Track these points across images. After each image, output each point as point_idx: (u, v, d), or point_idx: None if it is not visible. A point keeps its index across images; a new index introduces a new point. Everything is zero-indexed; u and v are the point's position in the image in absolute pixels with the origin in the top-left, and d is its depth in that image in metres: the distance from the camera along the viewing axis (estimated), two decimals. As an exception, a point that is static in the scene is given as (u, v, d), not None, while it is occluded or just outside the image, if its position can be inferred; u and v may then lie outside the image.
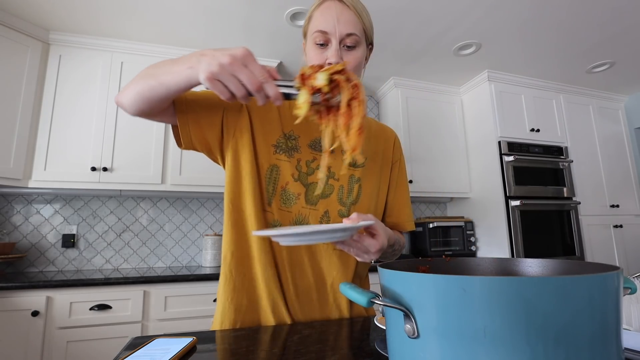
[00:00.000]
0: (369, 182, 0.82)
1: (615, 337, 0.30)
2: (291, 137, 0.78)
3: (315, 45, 0.73)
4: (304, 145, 0.79)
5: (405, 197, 0.89)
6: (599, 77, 2.83)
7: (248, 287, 0.74)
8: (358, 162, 0.82)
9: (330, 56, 0.71)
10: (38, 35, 2.03)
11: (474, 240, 2.72)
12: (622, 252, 2.80)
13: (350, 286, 0.40)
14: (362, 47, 0.75)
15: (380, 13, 1.99)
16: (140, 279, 1.75)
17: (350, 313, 0.78)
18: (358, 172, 0.81)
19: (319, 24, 0.72)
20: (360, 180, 0.80)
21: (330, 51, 0.71)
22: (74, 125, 2.04)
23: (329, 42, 0.72)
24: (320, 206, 0.77)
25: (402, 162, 0.91)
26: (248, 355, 0.53)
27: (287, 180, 0.75)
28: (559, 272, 0.44)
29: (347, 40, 0.72)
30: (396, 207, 0.87)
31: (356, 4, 0.73)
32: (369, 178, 0.82)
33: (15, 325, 1.57)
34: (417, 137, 2.73)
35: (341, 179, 0.79)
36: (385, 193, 0.87)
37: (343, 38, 0.71)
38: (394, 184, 0.88)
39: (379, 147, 0.87)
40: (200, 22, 2.05)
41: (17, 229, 2.14)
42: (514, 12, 2.01)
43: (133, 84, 0.64)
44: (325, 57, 0.72)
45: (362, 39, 0.74)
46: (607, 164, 2.96)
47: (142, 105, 0.64)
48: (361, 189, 0.80)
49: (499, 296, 0.28)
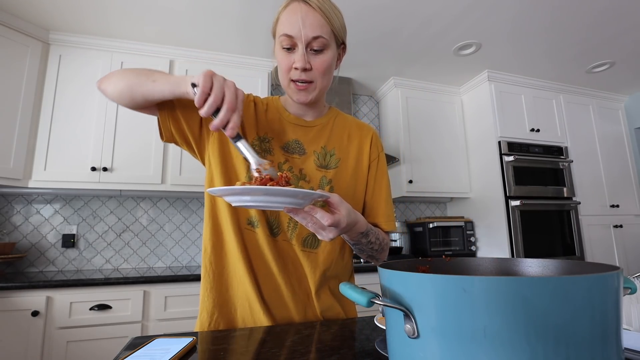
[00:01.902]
0: (342, 183, 0.80)
1: (615, 337, 0.30)
2: (265, 139, 0.79)
3: (283, 49, 0.72)
4: (277, 147, 0.79)
5: (383, 196, 0.85)
6: (599, 77, 2.83)
7: (225, 280, 0.76)
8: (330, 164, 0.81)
9: (296, 61, 0.70)
10: (38, 35, 2.03)
11: (474, 240, 2.72)
12: (622, 252, 2.80)
13: (350, 286, 0.40)
14: (331, 50, 0.73)
15: (380, 13, 1.99)
16: (140, 279, 1.75)
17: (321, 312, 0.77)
18: (330, 174, 0.80)
19: (284, 27, 0.71)
20: (332, 181, 0.79)
21: (297, 56, 0.71)
22: (74, 125, 2.04)
23: (295, 46, 0.71)
24: None
25: (381, 160, 0.88)
26: (248, 355, 0.53)
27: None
28: (559, 272, 0.44)
29: (313, 44, 0.70)
30: (374, 207, 0.85)
31: (323, 4, 0.71)
32: (342, 179, 0.81)
33: (15, 325, 1.57)
34: (417, 137, 2.73)
35: (312, 180, 0.78)
36: (363, 193, 0.84)
37: (309, 42, 0.70)
38: (372, 183, 0.85)
39: (353, 146, 0.85)
40: (200, 22, 2.05)
41: (17, 229, 2.14)
42: (513, 12, 2.01)
43: (123, 77, 0.69)
44: (292, 60, 0.71)
45: (331, 41, 0.73)
46: (607, 164, 2.96)
47: (128, 98, 0.68)
48: (333, 190, 0.79)
49: (499, 296, 0.28)
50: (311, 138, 0.81)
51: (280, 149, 0.79)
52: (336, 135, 0.84)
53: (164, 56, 2.26)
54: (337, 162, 0.81)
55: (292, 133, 0.81)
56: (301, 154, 0.80)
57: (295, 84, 0.73)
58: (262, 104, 0.83)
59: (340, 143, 0.83)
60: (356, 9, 1.96)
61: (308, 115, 0.83)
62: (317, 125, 0.83)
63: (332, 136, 0.83)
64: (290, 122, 0.81)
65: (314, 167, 0.79)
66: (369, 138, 0.87)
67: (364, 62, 2.54)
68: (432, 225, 2.64)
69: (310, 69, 0.72)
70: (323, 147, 0.82)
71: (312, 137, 0.82)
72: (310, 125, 0.82)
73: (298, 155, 0.79)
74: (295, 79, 0.72)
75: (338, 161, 0.81)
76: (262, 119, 0.80)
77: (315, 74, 0.73)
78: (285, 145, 0.79)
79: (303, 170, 0.79)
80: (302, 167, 0.79)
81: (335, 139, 0.84)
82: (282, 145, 0.79)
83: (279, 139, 0.80)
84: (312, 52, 0.71)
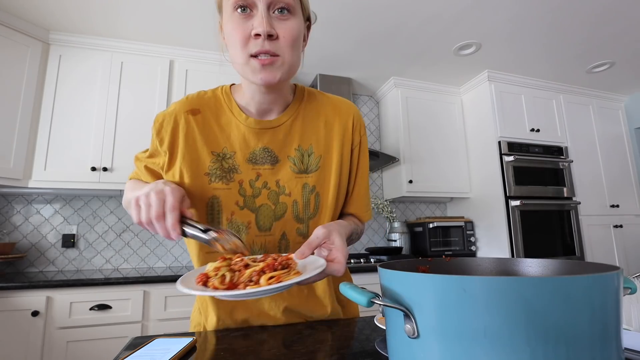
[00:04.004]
0: (326, 186, 0.70)
1: (615, 337, 0.30)
2: (225, 155, 0.66)
3: (235, 12, 0.57)
4: (242, 162, 0.66)
5: (364, 185, 0.77)
6: (599, 77, 2.83)
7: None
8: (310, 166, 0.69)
9: (256, 26, 0.56)
10: (38, 35, 2.03)
11: (474, 240, 2.72)
12: (622, 252, 2.80)
13: (350, 286, 0.40)
14: (298, 18, 0.60)
15: (380, 13, 1.99)
16: (140, 279, 1.75)
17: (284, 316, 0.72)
18: (312, 179, 0.69)
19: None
20: (316, 187, 0.69)
21: (257, 19, 0.56)
22: (74, 125, 2.04)
23: (252, 6, 0.57)
24: (276, 229, 0.68)
25: (363, 144, 0.75)
26: (248, 355, 0.53)
27: (232, 211, 0.66)
28: (559, 272, 0.44)
29: (278, 2, 0.57)
30: (355, 198, 0.76)
31: None
32: (325, 181, 0.70)
33: (15, 325, 1.57)
34: (417, 137, 2.73)
35: (293, 192, 0.68)
36: (346, 185, 0.74)
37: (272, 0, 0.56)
38: (354, 173, 0.75)
39: (333, 135, 0.71)
40: (200, 22, 2.05)
41: (17, 229, 2.14)
42: (514, 12, 2.01)
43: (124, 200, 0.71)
44: (249, 27, 0.57)
45: (297, 6, 0.60)
46: (607, 164, 2.96)
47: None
48: (319, 198, 0.70)
49: (499, 296, 0.28)
50: (281, 141, 0.68)
51: (247, 163, 0.67)
52: (310, 128, 0.70)
53: (164, 56, 2.26)
54: (318, 161, 0.70)
55: (257, 140, 0.67)
56: (274, 163, 0.68)
57: (257, 58, 0.57)
58: (209, 109, 0.68)
59: (317, 136, 0.70)
60: (356, 9, 1.95)
61: (273, 111, 0.68)
62: (286, 121, 0.69)
63: (306, 130, 0.70)
64: (252, 127, 0.67)
65: (291, 175, 0.68)
66: (350, 121, 0.73)
67: (364, 62, 2.54)
68: (432, 225, 2.64)
69: (275, 36, 0.57)
70: (297, 148, 0.69)
71: (283, 139, 0.68)
72: (277, 125, 0.68)
73: (270, 166, 0.68)
74: (257, 52, 0.57)
75: (319, 160, 0.70)
76: (213, 131, 0.66)
77: (282, 44, 0.58)
78: (251, 156, 0.67)
79: (280, 182, 0.68)
80: (278, 177, 0.68)
81: (310, 132, 0.70)
82: (248, 158, 0.67)
83: (243, 151, 0.67)
84: (275, 15, 0.58)
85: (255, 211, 0.67)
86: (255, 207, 0.67)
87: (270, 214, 0.68)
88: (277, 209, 0.68)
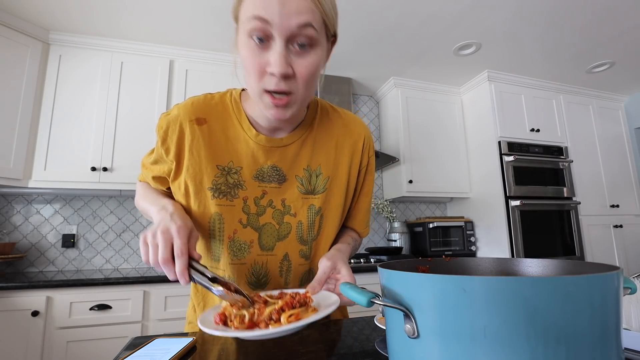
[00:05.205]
0: (332, 209, 0.70)
1: (615, 337, 0.30)
2: (231, 170, 0.64)
3: (250, 39, 0.51)
4: (248, 178, 0.64)
5: (367, 202, 0.77)
6: (599, 77, 2.83)
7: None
8: (317, 187, 0.68)
9: (273, 63, 0.50)
10: (38, 35, 2.03)
11: (473, 240, 2.72)
12: (622, 252, 2.80)
13: (350, 286, 0.40)
14: (321, 47, 0.54)
15: (380, 13, 1.99)
16: (140, 279, 1.75)
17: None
18: (318, 201, 0.68)
19: (255, 6, 0.49)
20: (322, 209, 0.68)
21: (273, 55, 0.50)
22: (74, 125, 2.04)
23: (270, 38, 0.50)
24: (278, 250, 0.67)
25: (371, 166, 0.75)
26: (248, 355, 0.53)
27: (235, 229, 0.65)
28: (559, 272, 0.44)
29: (298, 37, 0.50)
30: (355, 214, 0.77)
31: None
32: (331, 204, 0.69)
33: (15, 325, 1.57)
34: (417, 137, 2.73)
35: (298, 213, 0.67)
36: (349, 204, 0.74)
37: (293, 34, 0.50)
38: (358, 191, 0.75)
39: (343, 158, 0.70)
40: (200, 22, 2.05)
41: (17, 229, 2.14)
42: (513, 12, 2.01)
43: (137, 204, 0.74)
44: (265, 61, 0.51)
45: (321, 33, 0.53)
46: (607, 164, 2.96)
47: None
48: (323, 220, 0.69)
49: (499, 296, 0.28)
50: (291, 160, 0.66)
51: (253, 180, 0.64)
52: (321, 148, 0.69)
53: (164, 56, 2.26)
54: (325, 182, 0.68)
55: (266, 158, 0.65)
56: (281, 182, 0.66)
57: (271, 95, 0.53)
58: (215, 119, 0.64)
59: (326, 158, 0.69)
60: (356, 9, 1.95)
61: (285, 129, 0.66)
62: (296, 140, 0.66)
63: (316, 151, 0.68)
64: (262, 144, 0.64)
65: (298, 195, 0.67)
66: (360, 142, 0.72)
67: (364, 62, 2.54)
68: (432, 225, 2.63)
69: (292, 75, 0.52)
70: (306, 168, 0.67)
71: (292, 158, 0.66)
72: (288, 144, 0.66)
73: (277, 184, 0.66)
74: (272, 90, 0.53)
75: (326, 181, 0.68)
76: (220, 143, 0.64)
77: (299, 83, 0.53)
78: (258, 173, 0.65)
79: (286, 201, 0.67)
80: (284, 197, 0.66)
81: (320, 153, 0.68)
82: (255, 175, 0.65)
83: (250, 167, 0.64)
84: (295, 48, 0.51)
85: (259, 230, 0.66)
86: (259, 225, 0.66)
87: (274, 233, 0.67)
88: (281, 228, 0.67)
